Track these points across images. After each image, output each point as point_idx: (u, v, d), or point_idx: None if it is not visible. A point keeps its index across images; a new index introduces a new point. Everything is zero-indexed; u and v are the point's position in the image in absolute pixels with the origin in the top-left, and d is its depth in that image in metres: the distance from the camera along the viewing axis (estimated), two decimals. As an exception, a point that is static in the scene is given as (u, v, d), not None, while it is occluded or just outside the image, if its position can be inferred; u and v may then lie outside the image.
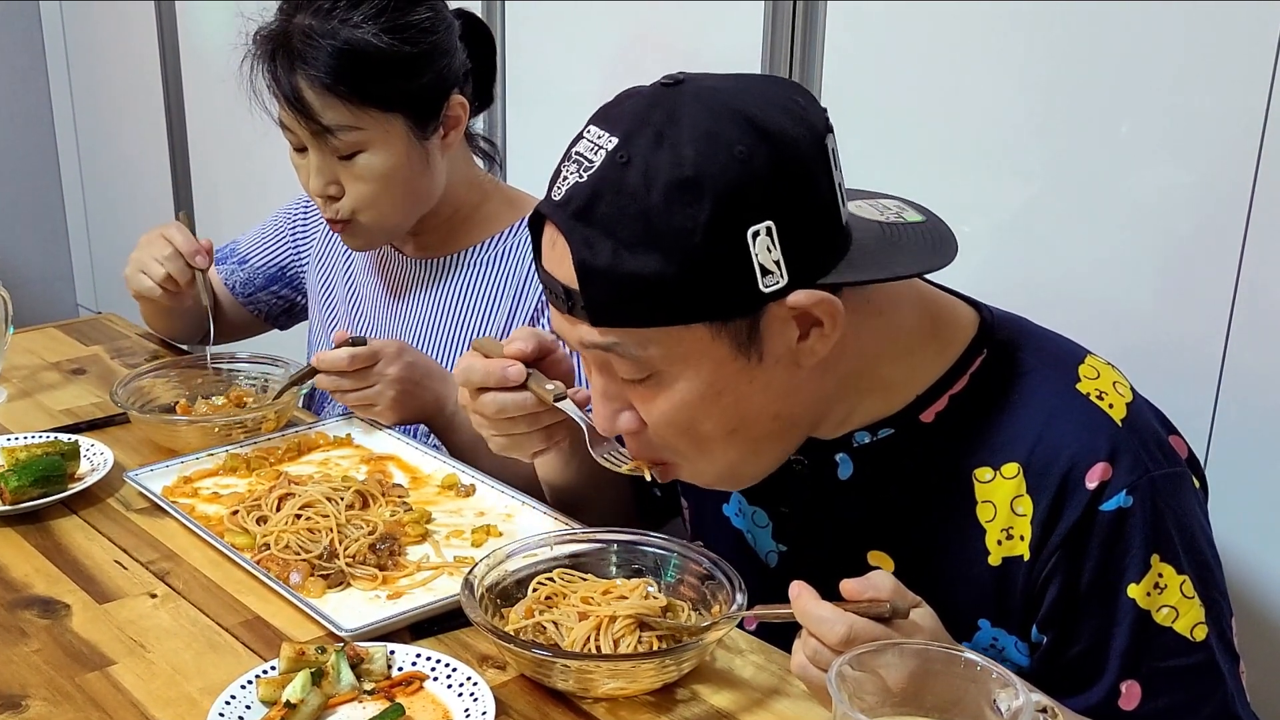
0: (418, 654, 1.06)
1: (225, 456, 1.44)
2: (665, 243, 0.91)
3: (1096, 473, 1.00)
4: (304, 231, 1.87)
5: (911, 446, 1.06)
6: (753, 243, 0.91)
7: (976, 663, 0.88)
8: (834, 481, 1.11)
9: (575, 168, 0.95)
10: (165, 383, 1.62)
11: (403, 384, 1.46)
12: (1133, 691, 1.02)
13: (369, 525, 1.25)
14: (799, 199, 0.93)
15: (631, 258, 0.92)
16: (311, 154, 1.54)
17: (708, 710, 1.03)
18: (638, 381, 0.99)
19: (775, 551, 1.19)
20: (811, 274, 0.94)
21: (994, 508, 1.03)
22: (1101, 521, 0.99)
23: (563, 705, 1.03)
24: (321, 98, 1.48)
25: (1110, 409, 1.03)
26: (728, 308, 0.94)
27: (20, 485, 1.31)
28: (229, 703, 0.99)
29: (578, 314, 0.96)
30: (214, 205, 3.01)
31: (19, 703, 1.03)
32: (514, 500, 1.35)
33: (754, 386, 0.98)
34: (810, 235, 0.94)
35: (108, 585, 1.21)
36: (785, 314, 0.95)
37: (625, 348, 0.96)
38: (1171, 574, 1.01)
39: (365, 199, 1.55)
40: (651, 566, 1.15)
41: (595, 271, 0.93)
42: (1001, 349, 1.06)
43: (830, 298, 0.95)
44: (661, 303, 0.93)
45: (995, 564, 1.04)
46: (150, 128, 3.10)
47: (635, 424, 1.03)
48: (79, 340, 1.91)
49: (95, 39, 3.29)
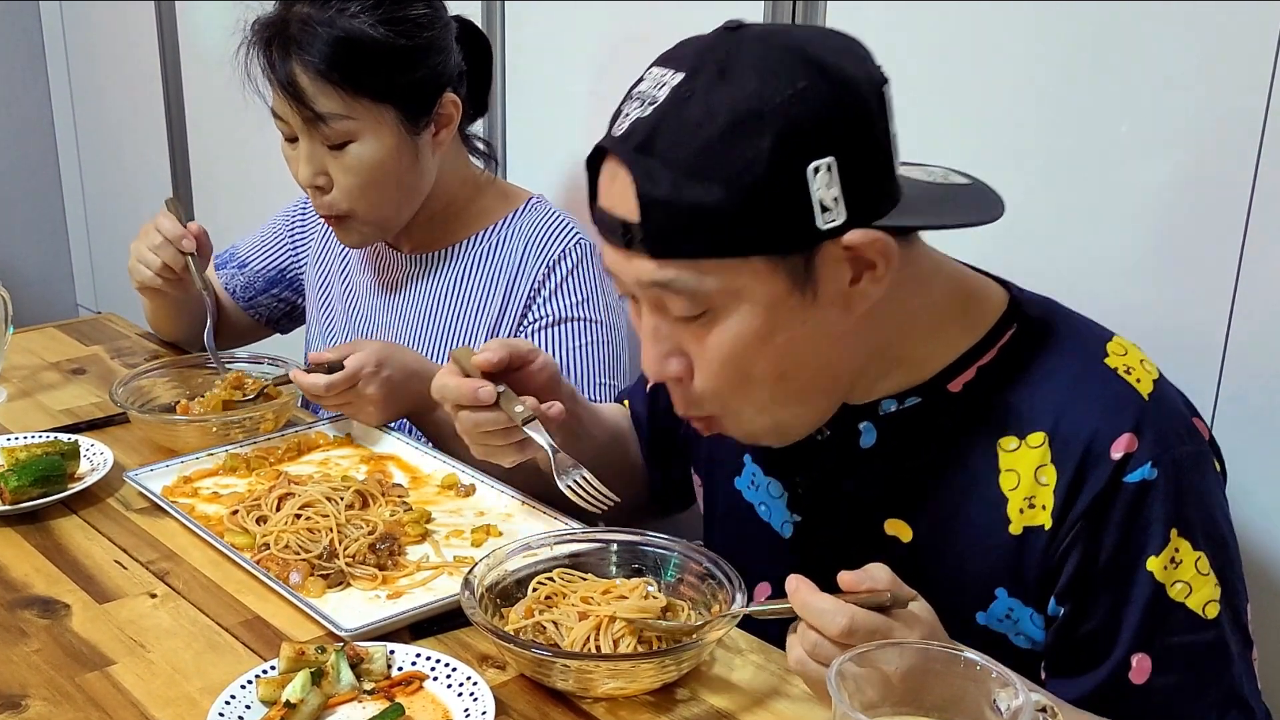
0: (417, 654, 1.05)
1: (225, 456, 1.44)
2: (727, 174, 0.92)
3: (1122, 444, 1.00)
4: (302, 232, 1.88)
5: (937, 416, 1.08)
6: (813, 178, 0.92)
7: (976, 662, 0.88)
8: (855, 450, 1.12)
9: (637, 105, 0.97)
10: (165, 382, 1.62)
11: (383, 398, 1.46)
12: (1143, 665, 1.02)
13: (369, 525, 1.25)
14: (859, 138, 0.95)
15: (693, 189, 0.93)
16: (302, 143, 1.55)
17: (708, 710, 1.03)
18: (692, 319, 0.99)
19: (790, 522, 1.19)
20: (868, 215, 0.96)
21: (1017, 476, 1.04)
22: (1125, 493, 1.00)
23: (562, 705, 1.03)
24: (315, 85, 1.49)
25: (1137, 384, 1.04)
26: (786, 242, 0.95)
27: (20, 485, 1.31)
28: (229, 702, 0.99)
29: (636, 248, 0.97)
30: (214, 205, 3.01)
31: (19, 703, 1.03)
32: (514, 500, 1.35)
33: (806, 329, 0.99)
34: (868, 176, 0.95)
35: (107, 585, 1.21)
36: (840, 254, 0.96)
37: (683, 282, 0.96)
38: (1188, 550, 1.01)
39: (353, 190, 1.56)
40: (651, 566, 1.16)
41: (657, 202, 0.94)
42: (1031, 324, 1.08)
43: (885, 237, 0.96)
44: (722, 234, 0.94)
45: (1016, 533, 1.04)
46: (150, 128, 3.10)
47: (683, 370, 1.03)
48: (79, 340, 1.91)
49: (95, 39, 3.29)
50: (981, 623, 1.08)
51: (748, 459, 1.23)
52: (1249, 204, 1.26)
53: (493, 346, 1.21)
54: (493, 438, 1.21)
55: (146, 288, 1.73)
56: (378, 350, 1.46)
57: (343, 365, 1.44)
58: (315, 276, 1.84)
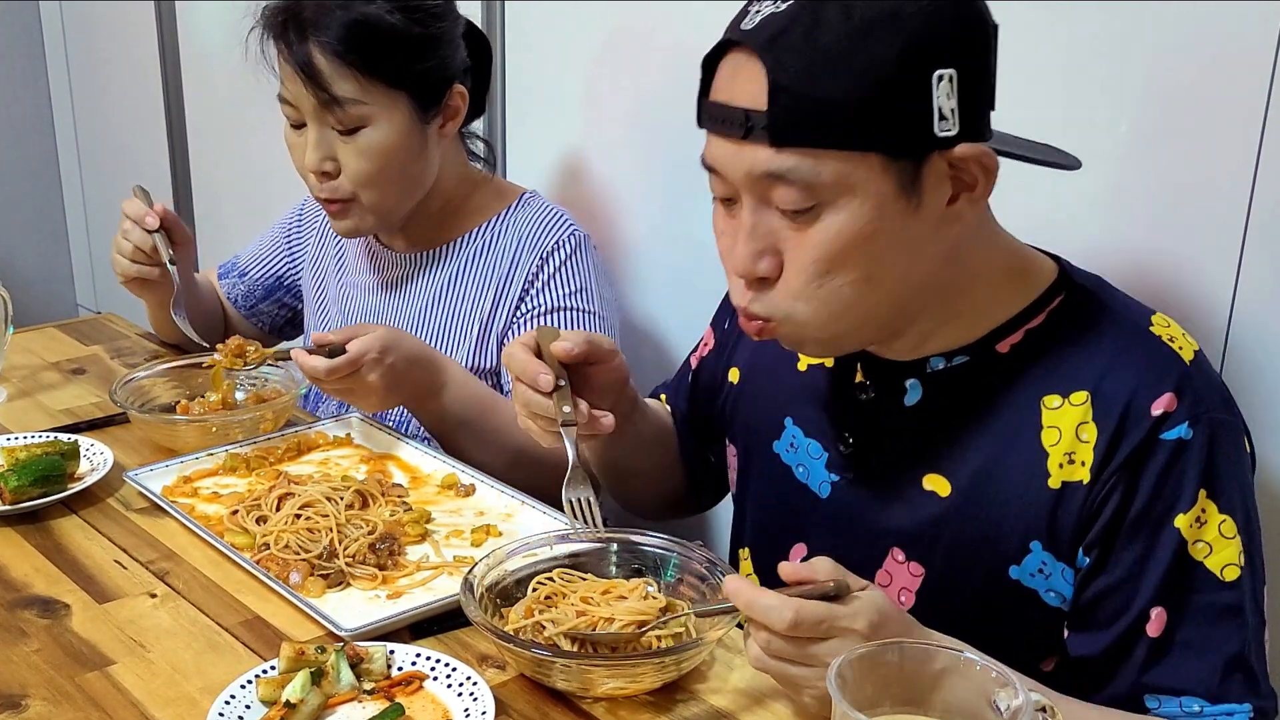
0: (417, 654, 1.05)
1: (225, 456, 1.44)
2: (858, 69, 0.96)
3: (1162, 403, 1.03)
4: (299, 236, 1.88)
5: (984, 375, 1.11)
6: (936, 85, 0.97)
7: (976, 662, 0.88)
8: (899, 408, 1.15)
9: (770, 3, 1.00)
10: (165, 382, 1.62)
11: (384, 386, 1.43)
12: (1160, 618, 1.05)
13: (369, 525, 1.25)
14: (978, 60, 1.00)
15: (824, 81, 0.96)
16: (311, 129, 1.56)
17: (707, 710, 1.03)
18: (797, 213, 1.01)
19: (828, 482, 1.21)
20: (975, 133, 1.01)
21: (1059, 432, 1.07)
22: (1162, 449, 1.03)
23: (562, 705, 1.03)
24: (333, 66, 1.51)
25: (1180, 351, 1.07)
26: (903, 143, 0.99)
27: (20, 485, 1.31)
28: (229, 702, 0.99)
29: (755, 137, 0.99)
30: (214, 205, 3.01)
31: (19, 702, 1.03)
32: (514, 500, 1.35)
33: (902, 237, 1.02)
34: (979, 98, 1.01)
35: (107, 585, 1.21)
36: (944, 171, 1.01)
37: (799, 171, 0.99)
38: (1214, 511, 1.04)
39: (363, 176, 1.56)
40: (651, 566, 1.16)
41: (786, 90, 0.97)
42: (1080, 293, 1.12)
43: (990, 151, 1.01)
44: (845, 126, 0.97)
45: (1054, 486, 1.07)
46: (150, 127, 3.09)
47: (772, 270, 1.05)
48: (79, 340, 1.91)
49: (95, 39, 3.29)
50: (1014, 577, 1.10)
51: (788, 422, 1.25)
52: (1249, 204, 1.26)
53: (575, 338, 1.22)
54: (536, 419, 1.23)
55: (131, 280, 1.73)
56: (383, 336, 1.42)
57: (344, 349, 1.41)
58: (311, 280, 1.85)
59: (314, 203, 1.90)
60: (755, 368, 1.32)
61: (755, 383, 1.31)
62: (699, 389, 1.42)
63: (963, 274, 1.09)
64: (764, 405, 1.29)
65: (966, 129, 1.00)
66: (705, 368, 1.41)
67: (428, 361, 1.47)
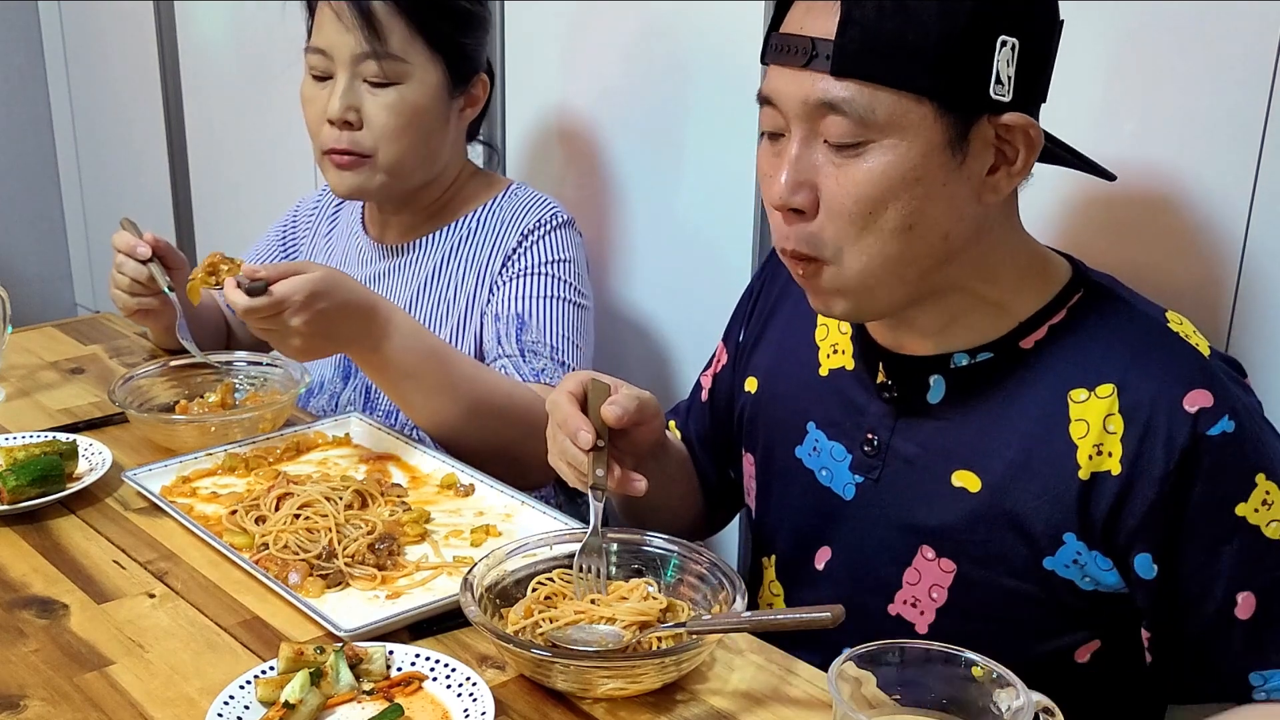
0: (416, 654, 1.05)
1: (224, 456, 1.44)
2: (929, 16, 0.99)
3: (1196, 399, 1.04)
4: (293, 238, 1.90)
5: (1008, 371, 1.12)
6: (999, 49, 1.01)
7: (976, 662, 0.88)
8: (923, 405, 1.16)
9: None
10: (164, 382, 1.62)
11: (309, 334, 1.35)
12: (1248, 602, 1.06)
13: (368, 525, 1.25)
14: (1041, 38, 1.05)
15: (895, 20, 1.00)
16: (340, 79, 1.58)
17: (707, 710, 1.03)
18: (846, 148, 1.04)
19: (852, 484, 1.22)
20: (1025, 106, 1.05)
21: (1087, 425, 1.08)
22: (1209, 446, 1.04)
23: (562, 705, 1.03)
24: (388, 11, 1.55)
25: (1197, 346, 1.09)
26: (959, 97, 1.02)
27: (18, 485, 1.31)
28: (227, 703, 0.99)
29: (818, 65, 1.02)
30: (213, 205, 3.01)
31: (17, 703, 1.03)
32: (513, 500, 1.35)
33: (944, 190, 1.05)
34: (1035, 75, 1.05)
35: (106, 585, 1.20)
36: (990, 138, 1.04)
37: (855, 103, 1.02)
38: (1276, 490, 1.05)
39: (389, 130, 1.58)
40: (651, 567, 1.15)
41: (857, 23, 1.00)
42: (1097, 289, 1.13)
43: (1036, 124, 1.05)
44: (907, 67, 1.00)
45: (1084, 478, 1.08)
46: (149, 127, 3.09)
47: (808, 203, 1.07)
48: (77, 339, 1.91)
49: (94, 39, 3.29)
50: (1048, 567, 1.11)
51: (811, 426, 1.25)
52: (1249, 204, 1.26)
53: (626, 403, 1.18)
54: (568, 466, 1.20)
55: (135, 312, 1.73)
56: (314, 280, 1.33)
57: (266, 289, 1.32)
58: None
59: (309, 203, 1.90)
60: (774, 374, 1.32)
61: (775, 389, 1.31)
62: (717, 405, 1.42)
63: (992, 256, 1.11)
64: (785, 410, 1.29)
65: (1019, 99, 1.03)
66: (721, 383, 1.41)
67: (367, 311, 1.39)
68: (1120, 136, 1.35)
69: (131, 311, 1.73)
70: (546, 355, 1.59)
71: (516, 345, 1.59)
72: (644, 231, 1.92)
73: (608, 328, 1.94)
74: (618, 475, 1.18)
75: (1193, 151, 1.30)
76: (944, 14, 0.99)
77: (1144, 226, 1.35)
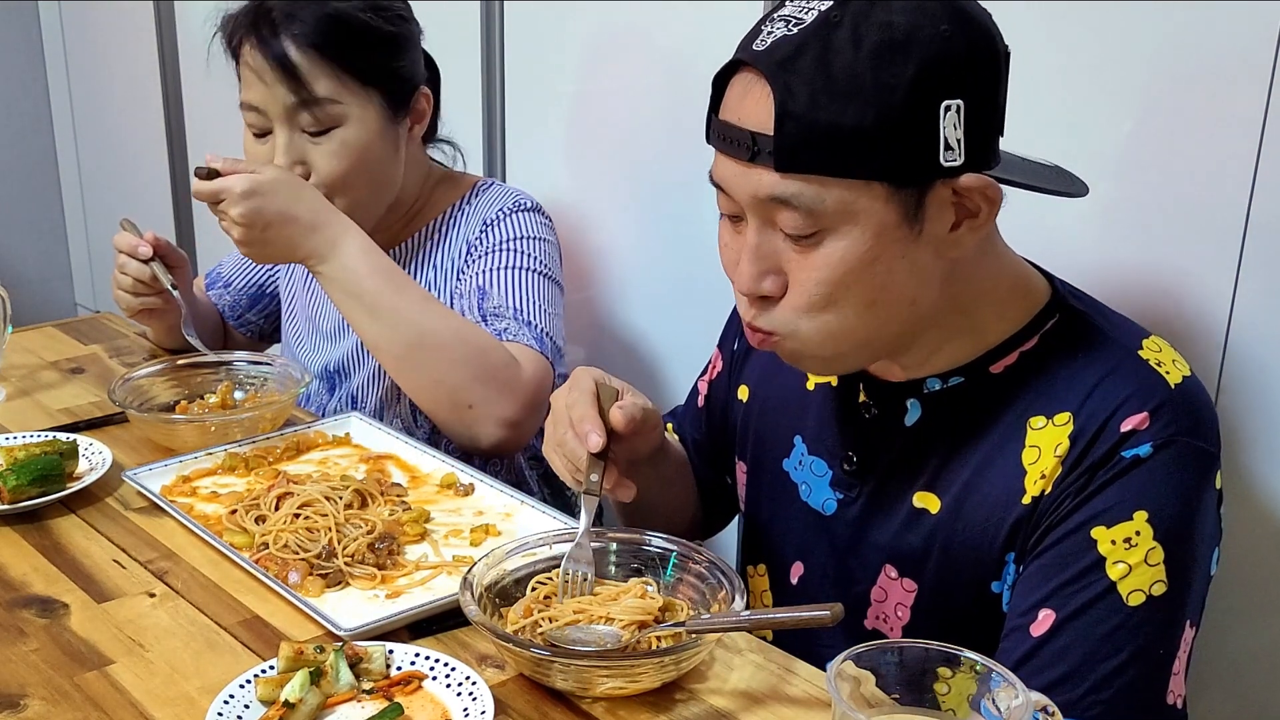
0: (416, 653, 1.05)
1: (224, 455, 1.44)
2: (866, 97, 0.96)
3: (1132, 421, 1.03)
4: None
5: (977, 395, 1.11)
6: (944, 115, 0.97)
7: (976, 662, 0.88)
8: (900, 427, 1.15)
9: (783, 25, 1.00)
10: (164, 382, 1.62)
11: (248, 226, 1.44)
12: (1045, 620, 1.04)
13: (368, 524, 1.25)
14: (986, 90, 1.01)
15: (830, 107, 0.96)
16: (279, 134, 1.55)
17: (707, 710, 1.03)
18: (800, 238, 1.02)
19: (832, 500, 1.22)
20: (981, 163, 1.02)
21: (1038, 451, 1.07)
22: (1117, 464, 1.02)
23: (562, 705, 1.03)
24: (309, 61, 1.51)
25: (1166, 375, 1.06)
26: (908, 172, 0.99)
27: (19, 484, 1.31)
28: (227, 702, 0.99)
29: (761, 161, 1.00)
30: (213, 205, 3.01)
31: (17, 702, 1.03)
32: (513, 499, 1.35)
33: (904, 262, 1.03)
34: (986, 128, 1.02)
35: (106, 584, 1.21)
36: (948, 198, 1.02)
37: (803, 198, 1.00)
38: (1148, 538, 1.02)
39: (336, 177, 1.55)
40: (651, 566, 1.15)
41: (793, 116, 0.97)
42: (1072, 315, 1.12)
43: (994, 183, 1.02)
44: (851, 154, 0.97)
45: (1026, 502, 1.07)
46: (149, 127, 3.10)
47: (776, 289, 1.06)
48: (77, 339, 1.91)
49: (94, 39, 3.29)
50: (996, 591, 1.11)
51: (798, 440, 1.25)
52: (1249, 204, 1.26)
53: (634, 410, 1.17)
54: (563, 460, 1.20)
55: (138, 312, 1.74)
56: (254, 178, 1.44)
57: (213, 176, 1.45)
58: (285, 288, 1.87)
59: None
60: (765, 385, 1.32)
61: (766, 400, 1.31)
62: (713, 411, 1.42)
63: (966, 292, 1.09)
64: (775, 423, 1.29)
65: (972, 159, 1.00)
66: (717, 389, 1.41)
67: (312, 222, 1.45)
68: (1120, 136, 1.35)
69: (135, 311, 1.74)
70: (510, 317, 1.56)
71: (478, 313, 1.58)
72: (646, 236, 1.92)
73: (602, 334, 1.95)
74: (610, 485, 1.18)
75: (1192, 152, 1.30)
76: (880, 89, 0.95)
77: (1143, 227, 1.35)
